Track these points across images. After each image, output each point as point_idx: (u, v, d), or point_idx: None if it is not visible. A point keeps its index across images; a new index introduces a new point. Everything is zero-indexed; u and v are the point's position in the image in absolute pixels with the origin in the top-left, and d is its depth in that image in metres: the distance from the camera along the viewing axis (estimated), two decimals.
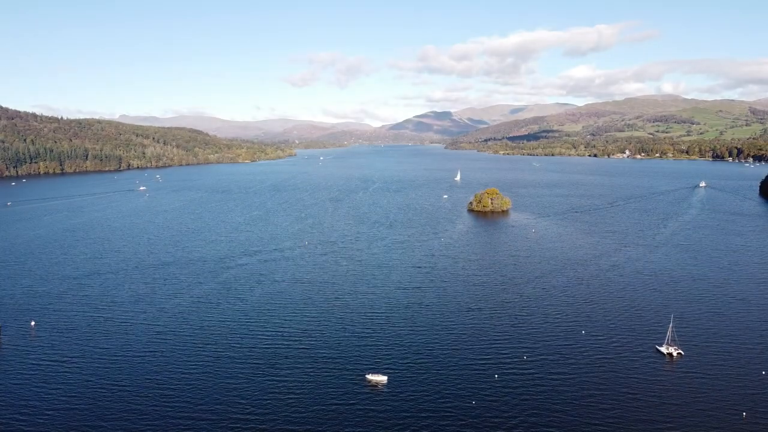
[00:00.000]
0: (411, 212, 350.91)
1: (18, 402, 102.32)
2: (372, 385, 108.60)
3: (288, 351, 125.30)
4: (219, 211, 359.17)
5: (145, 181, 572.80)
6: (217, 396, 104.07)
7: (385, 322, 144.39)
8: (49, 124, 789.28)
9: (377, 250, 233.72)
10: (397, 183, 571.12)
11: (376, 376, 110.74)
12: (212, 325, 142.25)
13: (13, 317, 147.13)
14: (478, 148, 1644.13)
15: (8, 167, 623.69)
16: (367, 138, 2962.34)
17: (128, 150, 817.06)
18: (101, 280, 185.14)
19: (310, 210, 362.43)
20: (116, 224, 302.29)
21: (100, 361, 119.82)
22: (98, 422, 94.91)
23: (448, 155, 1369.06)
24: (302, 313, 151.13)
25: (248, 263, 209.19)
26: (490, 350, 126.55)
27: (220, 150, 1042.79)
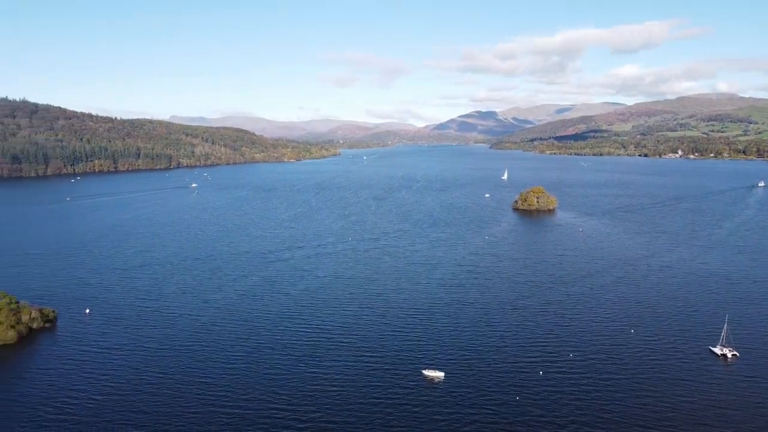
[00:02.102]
0: (454, 211, 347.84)
1: (69, 386, 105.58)
2: (429, 380, 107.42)
3: (330, 345, 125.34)
4: (264, 208, 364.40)
5: (194, 178, 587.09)
6: (259, 388, 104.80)
7: (429, 318, 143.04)
8: (104, 124, 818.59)
9: (420, 247, 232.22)
10: (440, 182, 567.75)
11: (433, 372, 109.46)
12: (255, 318, 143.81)
13: (70, 305, 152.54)
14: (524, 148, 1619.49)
15: (66, 165, 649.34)
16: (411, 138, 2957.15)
17: (178, 149, 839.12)
18: (150, 272, 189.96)
19: (353, 208, 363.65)
20: (165, 220, 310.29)
21: (146, 350, 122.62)
22: (143, 409, 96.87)
23: (493, 155, 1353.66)
24: (344, 309, 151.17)
25: (291, 258, 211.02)
26: (534, 347, 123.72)
27: (266, 149, 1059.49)
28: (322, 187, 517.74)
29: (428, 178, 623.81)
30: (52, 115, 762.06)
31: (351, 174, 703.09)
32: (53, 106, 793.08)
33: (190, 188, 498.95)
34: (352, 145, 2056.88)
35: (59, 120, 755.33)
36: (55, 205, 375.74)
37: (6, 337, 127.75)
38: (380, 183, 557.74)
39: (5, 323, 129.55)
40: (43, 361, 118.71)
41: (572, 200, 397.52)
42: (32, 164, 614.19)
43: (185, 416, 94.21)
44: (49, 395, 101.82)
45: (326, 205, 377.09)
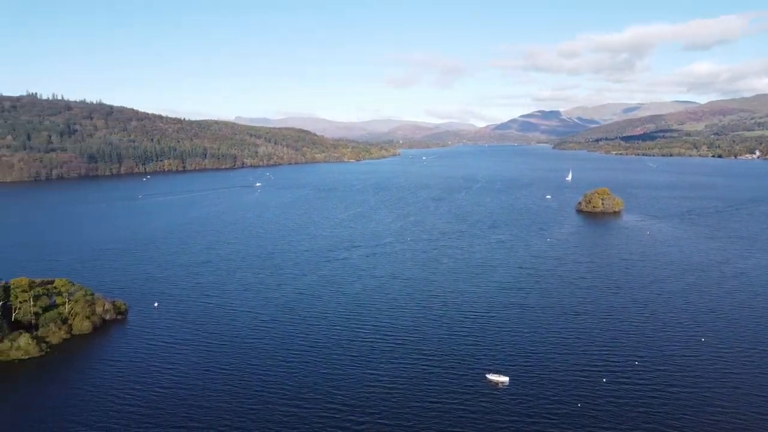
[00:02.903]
0: (515, 212, 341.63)
1: (137, 377, 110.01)
2: (492, 384, 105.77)
3: (387, 345, 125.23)
4: (323, 207, 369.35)
5: (257, 178, 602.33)
6: (316, 386, 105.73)
7: (488, 321, 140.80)
8: (173, 125, 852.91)
9: (479, 249, 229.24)
10: (500, 182, 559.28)
11: (498, 377, 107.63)
12: (313, 316, 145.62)
13: (139, 298, 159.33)
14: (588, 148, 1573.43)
15: (138, 164, 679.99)
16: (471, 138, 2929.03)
17: (242, 149, 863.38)
18: (214, 268, 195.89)
19: (411, 208, 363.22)
20: (229, 218, 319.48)
21: (209, 345, 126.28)
22: (202, 403, 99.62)
23: (555, 155, 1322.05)
24: (402, 309, 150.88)
25: (350, 258, 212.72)
26: (598, 354, 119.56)
27: (327, 149, 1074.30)
28: (381, 187, 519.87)
29: (488, 178, 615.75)
30: (126, 117, 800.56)
31: (410, 174, 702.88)
32: (127, 108, 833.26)
33: (253, 187, 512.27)
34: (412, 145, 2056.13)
35: (132, 121, 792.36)
36: (128, 202, 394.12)
37: (82, 328, 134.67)
38: (439, 183, 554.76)
39: (81, 314, 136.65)
40: (113, 352, 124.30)
41: (639, 202, 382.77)
42: (107, 163, 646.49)
43: (244, 412, 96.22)
44: (117, 386, 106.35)
45: (385, 205, 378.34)
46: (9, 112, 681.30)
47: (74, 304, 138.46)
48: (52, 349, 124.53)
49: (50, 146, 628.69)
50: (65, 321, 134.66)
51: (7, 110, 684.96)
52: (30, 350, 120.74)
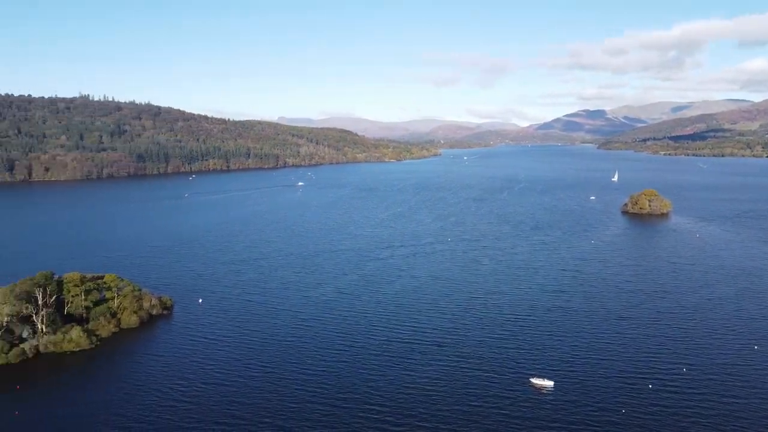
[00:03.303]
0: (558, 213, 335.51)
1: (181, 372, 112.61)
2: (537, 389, 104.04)
3: (427, 346, 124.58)
4: (364, 207, 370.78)
5: (299, 177, 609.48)
6: (355, 386, 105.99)
7: (530, 324, 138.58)
8: (217, 125, 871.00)
9: (521, 250, 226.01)
10: (543, 183, 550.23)
11: (542, 381, 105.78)
12: (352, 316, 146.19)
13: (184, 295, 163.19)
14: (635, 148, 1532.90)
15: (184, 164, 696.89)
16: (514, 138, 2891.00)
17: (285, 149, 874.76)
18: (256, 267, 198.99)
19: (452, 208, 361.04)
20: (271, 217, 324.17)
21: (250, 342, 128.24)
22: (243, 400, 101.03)
23: (601, 155, 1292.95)
24: (441, 310, 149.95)
25: (389, 258, 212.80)
26: (644, 360, 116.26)
27: (368, 149, 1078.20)
28: (422, 187, 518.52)
29: (531, 179, 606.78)
30: (173, 117, 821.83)
31: (451, 174, 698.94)
32: (174, 109, 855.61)
33: (295, 187, 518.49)
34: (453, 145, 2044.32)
35: (178, 122, 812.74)
36: (174, 201, 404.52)
37: (129, 322, 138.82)
38: (480, 184, 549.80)
39: (129, 309, 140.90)
40: (159, 346, 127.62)
41: (689, 204, 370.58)
42: (154, 163, 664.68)
43: (284, 409, 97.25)
44: (162, 380, 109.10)
45: (425, 206, 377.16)
46: (63, 113, 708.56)
47: (123, 299, 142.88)
48: (101, 342, 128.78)
49: (101, 146, 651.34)
50: (114, 315, 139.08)
51: (62, 111, 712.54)
52: (81, 343, 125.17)
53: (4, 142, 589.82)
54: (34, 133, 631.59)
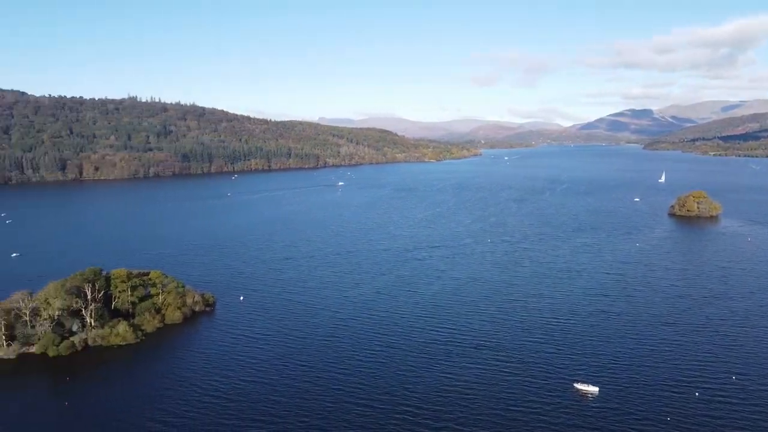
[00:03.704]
0: (602, 215, 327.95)
1: (220, 368, 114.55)
2: (581, 395, 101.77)
3: (465, 348, 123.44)
4: (403, 207, 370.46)
5: (339, 177, 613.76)
6: (393, 386, 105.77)
7: (571, 328, 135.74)
8: (260, 126, 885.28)
9: (562, 252, 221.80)
10: (586, 184, 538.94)
11: (586, 387, 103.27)
12: (390, 316, 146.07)
13: (226, 292, 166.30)
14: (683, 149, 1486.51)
15: (227, 163, 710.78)
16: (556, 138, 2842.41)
17: (325, 149, 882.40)
18: (295, 265, 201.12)
19: (492, 209, 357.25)
20: (310, 216, 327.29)
21: (289, 340, 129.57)
22: (281, 398, 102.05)
23: (647, 156, 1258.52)
24: (480, 312, 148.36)
25: (428, 258, 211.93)
26: (690, 366, 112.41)
27: (407, 149, 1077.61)
28: (461, 187, 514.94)
29: (573, 179, 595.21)
30: (217, 118, 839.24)
31: (491, 175, 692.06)
32: (217, 110, 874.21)
33: (335, 186, 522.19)
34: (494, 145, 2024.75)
35: (222, 122, 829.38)
36: (217, 200, 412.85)
37: (173, 318, 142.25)
38: (521, 184, 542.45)
39: (173, 305, 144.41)
40: (201, 342, 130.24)
41: (740, 207, 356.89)
42: (198, 162, 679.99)
43: (322, 409, 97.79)
44: (203, 375, 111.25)
45: (465, 206, 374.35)
46: (112, 114, 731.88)
47: (167, 295, 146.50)
48: (146, 336, 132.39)
49: (148, 146, 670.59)
50: (159, 311, 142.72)
51: (111, 112, 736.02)
52: (127, 337, 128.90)
53: (57, 142, 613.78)
54: (85, 134, 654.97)
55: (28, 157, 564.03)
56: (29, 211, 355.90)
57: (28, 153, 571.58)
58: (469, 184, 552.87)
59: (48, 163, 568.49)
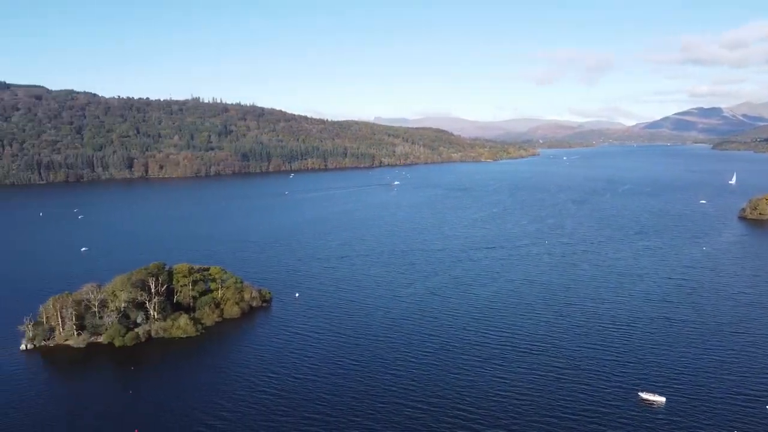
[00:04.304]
0: (666, 217, 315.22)
1: (276, 363, 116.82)
2: (647, 404, 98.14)
3: (520, 351, 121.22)
4: (457, 207, 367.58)
5: (395, 177, 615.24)
6: (446, 387, 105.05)
7: (631, 334, 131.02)
8: (316, 126, 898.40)
9: (623, 255, 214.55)
10: (650, 185, 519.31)
11: (652, 396, 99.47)
12: (444, 316, 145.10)
13: (282, 288, 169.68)
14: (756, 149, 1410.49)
15: (284, 162, 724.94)
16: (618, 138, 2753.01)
17: (380, 149, 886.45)
18: (349, 264, 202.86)
19: (549, 210, 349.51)
20: (364, 215, 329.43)
21: (342, 339, 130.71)
22: (332, 397, 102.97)
23: (716, 156, 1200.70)
24: (536, 315, 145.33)
25: (482, 259, 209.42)
26: (761, 378, 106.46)
27: (463, 149, 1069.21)
28: (518, 188, 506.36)
29: (636, 181, 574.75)
30: (275, 118, 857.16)
31: (549, 175, 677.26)
32: (276, 110, 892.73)
33: (389, 186, 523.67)
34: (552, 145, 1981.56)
35: (280, 122, 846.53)
36: (275, 198, 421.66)
37: (232, 312, 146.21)
38: (581, 185, 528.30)
39: (232, 300, 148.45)
40: (257, 338, 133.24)
41: None
42: (257, 161, 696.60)
43: (374, 406, 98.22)
44: (258, 370, 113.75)
45: (521, 207, 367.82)
46: (176, 114, 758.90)
47: (226, 291, 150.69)
48: (206, 330, 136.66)
49: (209, 145, 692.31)
50: (218, 305, 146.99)
51: (175, 113, 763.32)
52: (188, 330, 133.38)
53: (125, 141, 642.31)
54: (150, 133, 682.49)
55: (98, 156, 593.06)
56: (99, 207, 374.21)
57: (98, 152, 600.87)
58: (526, 184, 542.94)
59: (116, 161, 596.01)
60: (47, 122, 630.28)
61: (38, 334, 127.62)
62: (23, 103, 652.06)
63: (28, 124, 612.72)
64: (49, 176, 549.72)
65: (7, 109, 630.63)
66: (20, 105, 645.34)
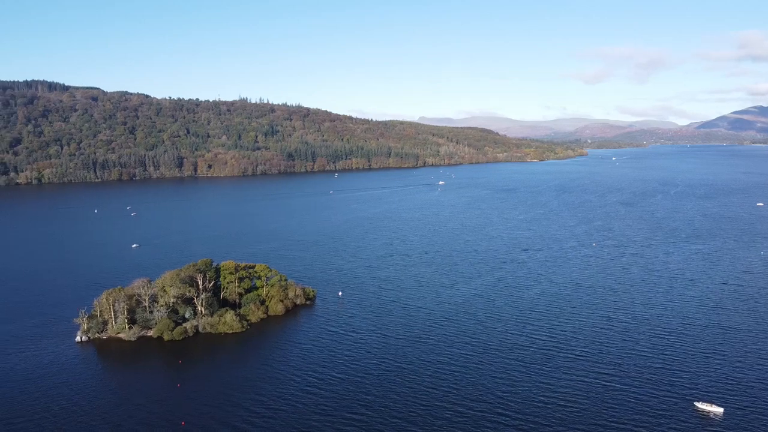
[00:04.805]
0: (721, 221, 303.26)
1: (317, 362, 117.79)
2: (703, 415, 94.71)
3: (565, 356, 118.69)
4: (502, 208, 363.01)
5: (439, 177, 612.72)
6: (488, 390, 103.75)
7: (682, 341, 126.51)
8: (361, 126, 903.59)
9: (675, 259, 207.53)
10: (704, 187, 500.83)
11: (708, 406, 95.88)
12: (486, 318, 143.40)
13: (326, 287, 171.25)
14: None
15: (328, 162, 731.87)
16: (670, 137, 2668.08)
17: (424, 148, 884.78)
18: (392, 263, 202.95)
19: (597, 212, 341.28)
20: (408, 215, 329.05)
21: (384, 338, 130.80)
22: (374, 395, 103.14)
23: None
24: (583, 319, 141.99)
25: (527, 261, 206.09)
26: None
27: (509, 149, 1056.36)
28: (565, 189, 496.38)
29: (689, 182, 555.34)
30: (320, 118, 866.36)
31: (597, 176, 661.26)
32: (321, 110, 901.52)
33: (433, 186, 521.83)
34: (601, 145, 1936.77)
35: (325, 122, 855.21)
36: (320, 197, 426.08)
37: (276, 309, 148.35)
38: (631, 186, 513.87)
39: (276, 297, 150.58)
40: (301, 335, 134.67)
41: None
42: (302, 161, 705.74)
43: (415, 408, 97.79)
44: (301, 367, 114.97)
45: (567, 208, 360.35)
46: (225, 115, 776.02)
47: (271, 288, 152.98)
48: (251, 326, 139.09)
49: (256, 145, 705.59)
50: (263, 302, 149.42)
51: (224, 113, 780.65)
52: (234, 326, 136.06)
53: (176, 141, 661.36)
54: (200, 133, 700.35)
55: (150, 155, 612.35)
56: (150, 205, 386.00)
57: (150, 151, 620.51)
58: (573, 185, 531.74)
59: (167, 160, 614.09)
60: (102, 122, 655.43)
61: (92, 326, 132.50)
62: (81, 104, 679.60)
63: (85, 125, 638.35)
64: (104, 175, 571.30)
65: (66, 110, 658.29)
66: (78, 106, 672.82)
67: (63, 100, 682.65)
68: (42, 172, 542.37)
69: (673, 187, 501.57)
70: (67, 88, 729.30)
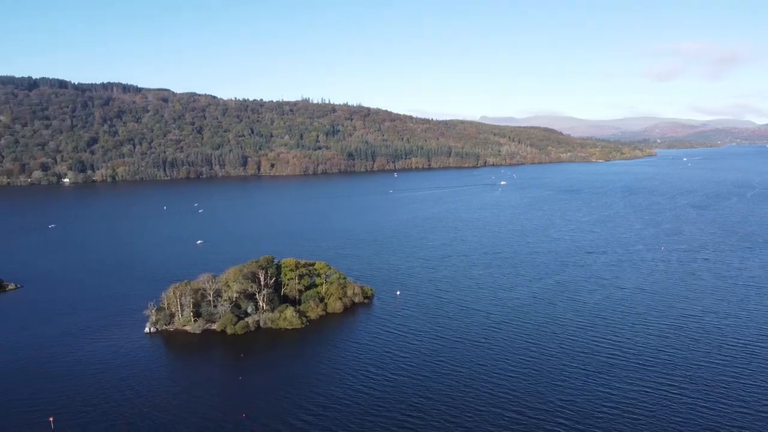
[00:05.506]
0: None
1: (373, 360, 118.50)
2: None
3: (628, 365, 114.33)
4: (565, 209, 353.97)
5: (501, 177, 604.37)
6: (546, 397, 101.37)
7: (758, 354, 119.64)
8: (421, 125, 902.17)
9: (750, 265, 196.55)
10: None
11: None
12: (546, 323, 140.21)
13: (384, 286, 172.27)
14: None
15: (388, 161, 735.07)
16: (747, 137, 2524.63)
17: (485, 148, 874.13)
18: (450, 264, 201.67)
19: (666, 215, 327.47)
20: (467, 215, 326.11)
21: (441, 339, 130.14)
22: (429, 396, 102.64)
23: None
24: (649, 327, 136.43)
25: (590, 265, 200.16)
26: None
27: (573, 149, 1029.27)
28: (632, 190, 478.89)
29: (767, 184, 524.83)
30: (380, 118, 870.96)
31: (667, 177, 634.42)
32: (381, 110, 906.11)
33: (494, 186, 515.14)
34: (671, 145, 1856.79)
35: (385, 122, 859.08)
36: (379, 197, 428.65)
37: (335, 307, 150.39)
38: (703, 188, 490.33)
39: (335, 295, 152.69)
40: (359, 333, 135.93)
41: None
42: (362, 160, 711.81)
43: (470, 411, 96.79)
44: (357, 366, 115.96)
45: (634, 211, 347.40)
46: (287, 115, 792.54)
47: (330, 286, 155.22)
48: (310, 323, 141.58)
49: (317, 144, 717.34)
50: (322, 300, 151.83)
51: (286, 113, 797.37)
52: (294, 322, 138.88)
53: (241, 140, 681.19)
54: (263, 133, 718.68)
55: (216, 154, 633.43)
56: (216, 202, 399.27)
57: (216, 151, 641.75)
58: (641, 186, 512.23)
59: (232, 159, 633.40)
60: (172, 122, 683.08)
61: (160, 318, 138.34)
62: (152, 105, 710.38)
63: (156, 125, 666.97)
64: (173, 173, 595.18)
65: (138, 111, 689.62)
66: (149, 107, 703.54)
67: (136, 101, 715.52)
68: (116, 170, 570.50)
69: (749, 189, 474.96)
70: (140, 89, 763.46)
